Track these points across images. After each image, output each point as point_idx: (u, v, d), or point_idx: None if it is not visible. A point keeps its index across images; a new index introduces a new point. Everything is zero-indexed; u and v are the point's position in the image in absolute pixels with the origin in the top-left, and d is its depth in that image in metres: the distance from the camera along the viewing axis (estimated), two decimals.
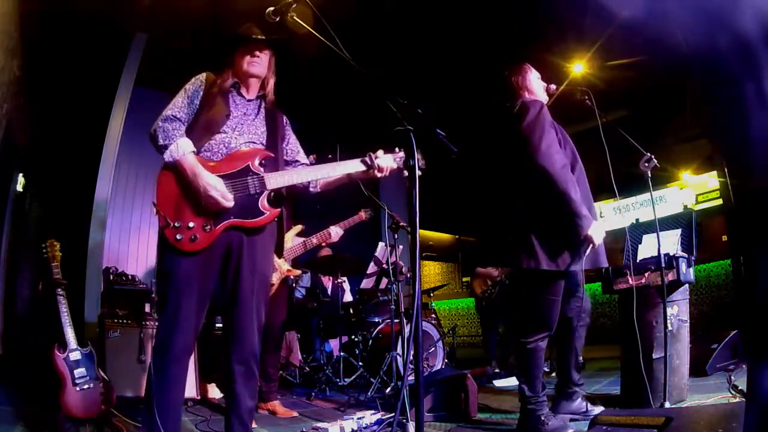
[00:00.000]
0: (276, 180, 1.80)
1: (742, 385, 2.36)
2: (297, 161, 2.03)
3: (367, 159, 1.85)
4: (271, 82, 1.96)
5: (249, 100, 1.92)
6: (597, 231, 2.05)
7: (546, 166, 2.07)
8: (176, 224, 1.67)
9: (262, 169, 1.79)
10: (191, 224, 1.68)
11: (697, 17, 0.85)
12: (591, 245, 2.06)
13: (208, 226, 1.69)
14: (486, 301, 4.45)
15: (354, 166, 1.86)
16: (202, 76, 1.86)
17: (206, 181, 1.67)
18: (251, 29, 1.87)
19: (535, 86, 2.39)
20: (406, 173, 1.64)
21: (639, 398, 2.36)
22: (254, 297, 1.77)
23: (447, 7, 4.35)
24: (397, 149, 1.91)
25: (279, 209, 1.80)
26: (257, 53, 1.87)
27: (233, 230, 1.73)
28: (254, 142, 1.85)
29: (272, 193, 1.79)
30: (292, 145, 2.04)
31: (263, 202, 1.76)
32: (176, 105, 1.77)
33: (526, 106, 2.23)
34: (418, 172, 1.36)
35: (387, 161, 1.86)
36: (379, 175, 1.87)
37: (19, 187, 4.63)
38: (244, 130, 1.84)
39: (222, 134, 1.79)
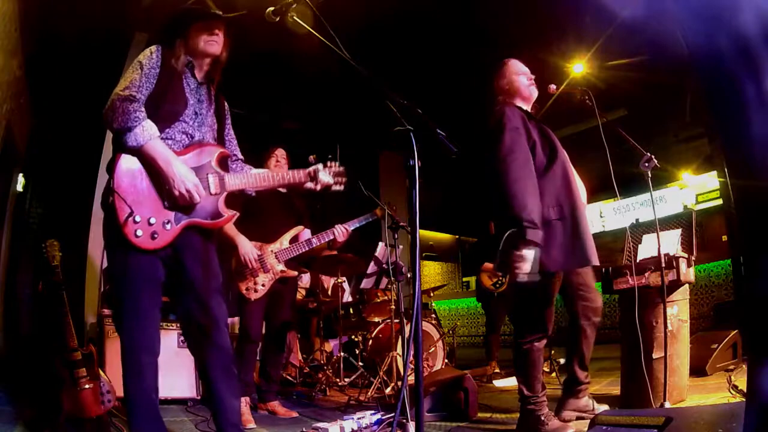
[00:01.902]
0: (234, 181, 1.77)
1: (742, 385, 2.36)
2: (235, 155, 1.97)
3: (311, 172, 1.90)
4: (225, 55, 1.84)
5: (200, 84, 1.82)
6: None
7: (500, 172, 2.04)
8: (137, 218, 1.57)
9: (220, 168, 1.75)
10: (152, 220, 1.59)
11: (697, 17, 0.85)
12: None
13: (169, 224, 1.62)
14: (498, 293, 4.43)
15: (300, 177, 1.89)
16: (158, 51, 1.72)
17: (181, 172, 1.60)
18: (206, 4, 1.79)
19: (518, 83, 2.33)
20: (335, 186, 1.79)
21: (639, 398, 2.36)
22: (218, 297, 1.72)
23: (447, 7, 4.35)
24: (330, 163, 1.96)
25: (235, 213, 1.77)
26: (216, 31, 1.76)
27: (188, 230, 1.67)
28: (210, 134, 1.81)
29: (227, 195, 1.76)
30: (231, 137, 1.98)
31: (222, 203, 1.73)
32: (133, 83, 1.62)
33: (494, 111, 2.22)
34: (418, 162, 1.34)
35: (326, 177, 1.92)
36: (318, 188, 1.92)
37: (19, 187, 4.63)
38: (201, 121, 1.78)
39: (182, 123, 1.71)
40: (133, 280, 1.61)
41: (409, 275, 3.53)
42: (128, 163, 1.59)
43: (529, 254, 1.93)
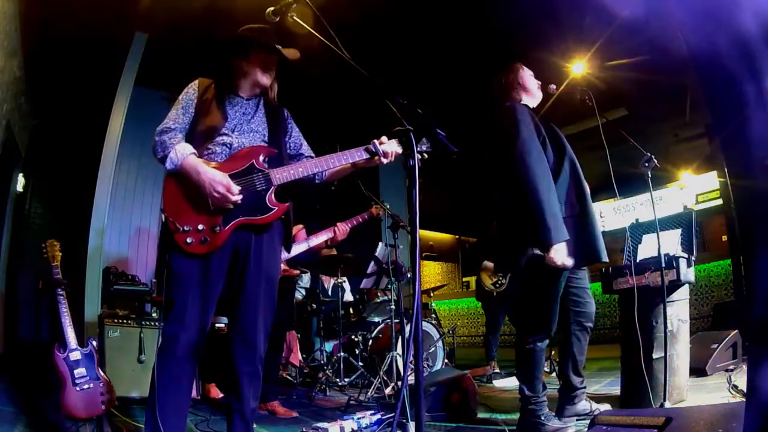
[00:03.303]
0: (282, 174, 1.78)
1: (742, 385, 2.36)
2: (301, 154, 1.99)
3: (371, 146, 1.83)
4: (276, 86, 1.94)
5: (247, 99, 1.89)
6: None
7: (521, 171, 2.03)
8: (186, 228, 1.66)
9: (266, 166, 1.78)
10: (200, 226, 1.67)
11: (698, 17, 0.85)
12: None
13: (218, 227, 1.68)
14: (498, 293, 4.42)
15: (358, 155, 1.85)
16: (195, 83, 1.85)
17: (211, 176, 1.66)
18: (267, 35, 1.81)
19: (530, 83, 2.35)
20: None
21: (639, 398, 2.36)
22: (261, 299, 1.76)
23: (447, 7, 4.35)
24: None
25: (287, 204, 1.79)
26: (272, 66, 1.85)
27: (241, 230, 1.73)
28: (257, 141, 1.84)
29: (279, 189, 1.78)
30: (295, 139, 2.01)
31: (271, 197, 1.76)
32: (170, 117, 1.78)
33: (505, 109, 2.22)
34: (418, 162, 1.34)
35: (391, 146, 1.84)
36: (384, 161, 1.85)
37: (19, 187, 4.64)
38: (244, 129, 1.83)
39: (223, 137, 1.78)
40: (183, 285, 1.67)
41: (409, 275, 3.52)
42: (171, 184, 1.74)
43: (562, 246, 1.99)
